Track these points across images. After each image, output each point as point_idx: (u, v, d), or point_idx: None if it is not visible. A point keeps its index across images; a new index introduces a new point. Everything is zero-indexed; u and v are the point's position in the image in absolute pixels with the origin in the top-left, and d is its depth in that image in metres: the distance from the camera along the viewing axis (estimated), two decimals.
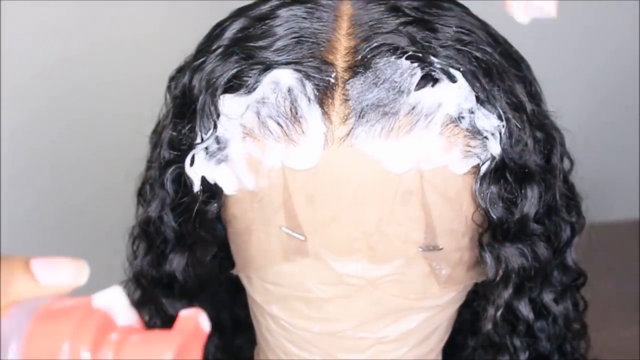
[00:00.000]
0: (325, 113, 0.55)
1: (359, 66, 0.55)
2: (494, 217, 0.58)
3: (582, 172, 0.68)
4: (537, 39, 1.11)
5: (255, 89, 0.56)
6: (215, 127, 0.58)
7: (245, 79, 0.56)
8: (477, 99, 0.56)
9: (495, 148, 0.57)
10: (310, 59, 0.56)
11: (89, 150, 1.16)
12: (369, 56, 0.55)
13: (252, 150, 0.57)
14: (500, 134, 0.57)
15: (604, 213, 1.06)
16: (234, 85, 0.57)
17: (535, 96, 0.62)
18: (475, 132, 0.56)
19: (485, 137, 0.56)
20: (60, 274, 0.43)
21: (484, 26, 0.61)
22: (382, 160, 0.55)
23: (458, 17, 0.58)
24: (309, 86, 0.55)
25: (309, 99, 0.55)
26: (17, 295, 0.42)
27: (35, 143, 1.14)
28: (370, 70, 0.55)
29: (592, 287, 0.71)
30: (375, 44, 0.56)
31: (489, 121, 0.56)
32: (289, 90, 0.56)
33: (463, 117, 0.56)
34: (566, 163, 0.67)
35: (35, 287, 0.42)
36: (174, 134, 0.60)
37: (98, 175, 1.16)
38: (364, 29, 0.56)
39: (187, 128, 0.59)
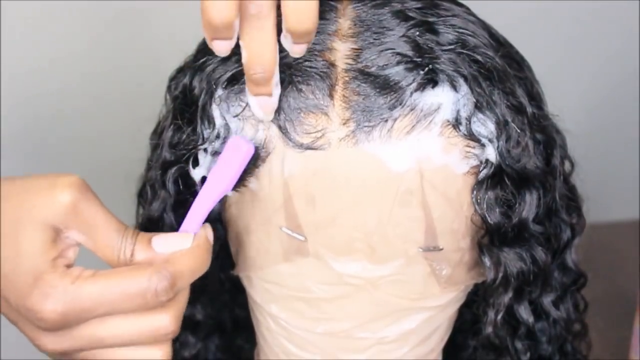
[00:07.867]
0: (325, 114, 0.55)
1: (360, 68, 0.55)
2: (491, 222, 0.58)
3: (582, 173, 0.68)
4: (537, 39, 1.11)
5: None
6: (215, 127, 0.58)
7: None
8: (476, 104, 0.56)
9: (492, 154, 0.57)
10: (311, 60, 0.55)
11: (89, 151, 1.16)
12: (370, 58, 0.55)
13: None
14: (497, 139, 0.57)
15: (604, 213, 1.06)
16: (234, 85, 0.57)
17: (536, 97, 0.62)
18: (472, 138, 0.56)
19: (483, 144, 0.56)
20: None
21: (485, 27, 0.60)
22: (382, 161, 0.55)
23: (459, 18, 0.58)
24: (309, 87, 0.55)
25: (310, 100, 0.55)
26: None
27: (34, 143, 1.14)
28: (371, 71, 0.55)
29: (592, 287, 0.71)
30: (377, 46, 0.56)
31: (485, 127, 0.56)
32: (289, 90, 0.56)
33: (460, 124, 0.56)
34: (567, 165, 0.67)
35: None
36: (175, 134, 0.60)
37: (98, 176, 1.16)
38: (366, 30, 0.56)
39: (188, 128, 0.59)
